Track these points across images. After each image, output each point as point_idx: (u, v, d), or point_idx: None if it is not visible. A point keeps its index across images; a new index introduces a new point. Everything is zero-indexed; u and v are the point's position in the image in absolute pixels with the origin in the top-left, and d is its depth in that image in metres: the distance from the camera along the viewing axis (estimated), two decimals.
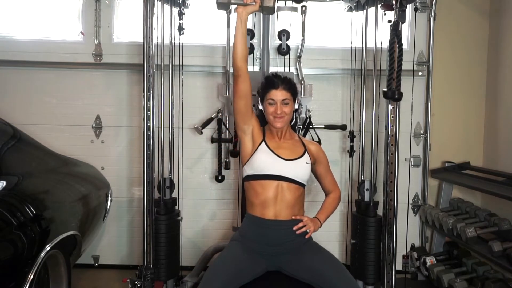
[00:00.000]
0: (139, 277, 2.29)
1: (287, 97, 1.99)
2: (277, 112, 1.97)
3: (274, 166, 1.96)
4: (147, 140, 2.37)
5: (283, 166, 1.96)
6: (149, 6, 2.34)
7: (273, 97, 1.98)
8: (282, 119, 1.99)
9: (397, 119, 2.28)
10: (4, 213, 1.73)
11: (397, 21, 2.14)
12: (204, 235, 3.19)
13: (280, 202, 1.94)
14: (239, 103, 1.95)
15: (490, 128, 3.18)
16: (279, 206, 1.94)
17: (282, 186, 1.95)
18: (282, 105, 1.98)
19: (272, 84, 2.00)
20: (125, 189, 3.18)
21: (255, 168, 1.98)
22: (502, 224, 2.60)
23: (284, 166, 1.96)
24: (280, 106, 1.97)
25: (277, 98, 1.98)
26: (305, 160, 2.02)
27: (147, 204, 2.39)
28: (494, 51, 3.15)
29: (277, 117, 1.98)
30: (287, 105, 1.99)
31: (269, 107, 1.99)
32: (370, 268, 2.59)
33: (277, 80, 2.01)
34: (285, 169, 1.96)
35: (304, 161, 2.01)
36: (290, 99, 2.00)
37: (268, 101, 2.00)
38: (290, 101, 2.00)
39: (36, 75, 3.11)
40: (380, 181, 2.59)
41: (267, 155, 1.98)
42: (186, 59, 2.87)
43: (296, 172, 1.97)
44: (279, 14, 2.93)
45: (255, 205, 1.97)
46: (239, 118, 1.98)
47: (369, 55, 2.79)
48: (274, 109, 1.98)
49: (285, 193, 1.95)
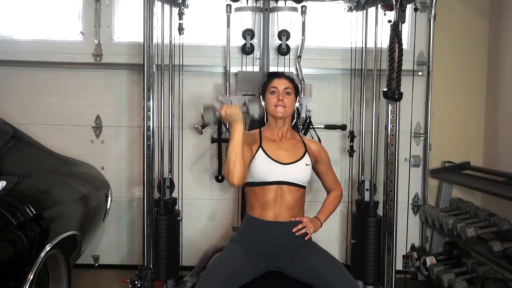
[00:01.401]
0: (139, 277, 2.29)
1: (289, 87, 2.00)
2: (279, 98, 1.96)
3: (273, 173, 1.93)
4: (147, 140, 2.37)
5: (282, 170, 1.94)
6: (149, 6, 2.34)
7: (275, 85, 2.00)
8: (283, 109, 1.97)
9: (397, 119, 2.28)
10: (4, 213, 1.73)
11: (397, 21, 2.14)
12: (204, 235, 3.19)
13: (280, 204, 1.93)
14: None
15: (490, 128, 3.18)
16: (278, 208, 1.93)
17: (282, 189, 1.94)
18: (284, 93, 1.98)
19: (274, 74, 2.08)
20: (125, 189, 3.18)
21: (254, 177, 1.96)
22: (502, 224, 2.60)
23: (283, 170, 1.94)
24: (282, 93, 1.98)
25: (280, 86, 1.99)
26: (305, 162, 2.00)
27: (147, 204, 2.39)
28: (494, 51, 3.15)
29: (279, 105, 1.96)
30: (289, 96, 2.00)
31: (271, 96, 2.00)
32: (370, 268, 2.59)
33: (279, 72, 2.15)
34: (284, 173, 1.94)
35: (304, 163, 1.99)
36: (292, 91, 2.02)
37: (270, 90, 2.01)
38: (292, 92, 2.01)
39: (36, 75, 3.11)
40: (380, 181, 2.59)
41: (265, 162, 1.94)
42: (186, 59, 2.87)
43: (295, 175, 1.96)
44: (279, 14, 2.93)
45: (254, 206, 1.97)
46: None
47: (369, 55, 2.79)
48: (276, 96, 1.98)
49: (285, 195, 1.94)
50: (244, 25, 2.94)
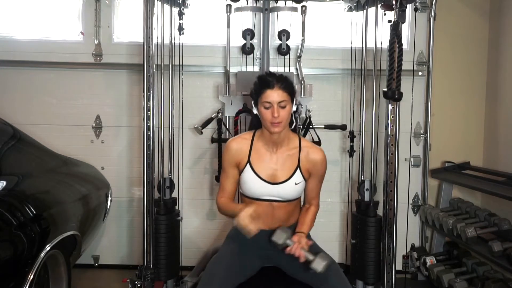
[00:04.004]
0: (139, 277, 2.29)
1: (284, 99, 1.77)
2: (274, 115, 1.76)
3: (261, 192, 1.87)
4: (147, 140, 2.37)
5: (271, 190, 1.87)
6: (149, 6, 2.34)
7: (268, 99, 1.77)
8: (279, 124, 1.78)
9: (397, 119, 2.28)
10: (4, 213, 1.73)
11: (397, 21, 2.14)
12: (204, 235, 3.19)
13: (272, 218, 1.90)
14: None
15: (490, 128, 3.18)
16: (271, 220, 1.90)
17: (273, 205, 1.90)
18: (279, 108, 1.77)
19: (266, 84, 1.78)
20: (125, 189, 3.17)
21: (244, 190, 1.92)
22: (502, 224, 2.60)
23: (271, 190, 1.87)
24: (277, 108, 1.76)
25: (273, 100, 1.76)
26: (294, 181, 1.87)
27: (147, 204, 2.39)
28: (494, 51, 3.15)
29: (274, 123, 1.77)
30: (285, 108, 1.78)
31: (265, 112, 1.78)
32: (370, 268, 2.59)
33: (271, 79, 1.79)
34: (274, 192, 1.87)
35: (293, 183, 1.87)
36: (288, 100, 1.79)
37: (263, 105, 1.79)
38: (287, 103, 1.79)
39: (36, 75, 3.11)
40: (380, 181, 2.58)
41: (252, 180, 1.87)
42: (186, 59, 2.87)
43: (284, 194, 1.88)
44: (279, 14, 2.93)
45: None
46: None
47: (369, 55, 2.79)
48: (271, 113, 1.77)
49: (277, 211, 1.90)
50: (244, 25, 2.94)
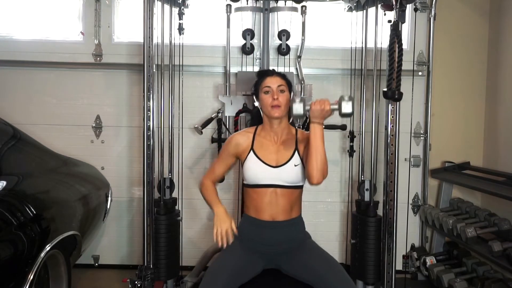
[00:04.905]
0: (139, 277, 2.29)
1: (282, 84, 1.97)
2: (273, 98, 1.92)
3: (264, 176, 1.93)
4: (147, 140, 2.37)
5: (273, 173, 1.93)
6: (149, 6, 2.34)
7: (268, 84, 1.96)
8: (279, 109, 1.93)
9: (397, 119, 2.29)
10: (4, 213, 1.73)
11: (397, 21, 2.14)
12: (204, 235, 3.19)
13: (276, 207, 1.93)
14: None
15: (490, 128, 3.18)
16: (275, 210, 1.93)
17: (276, 192, 1.93)
18: (278, 92, 1.94)
19: (266, 72, 2.04)
20: (125, 189, 3.18)
21: (247, 179, 1.98)
22: (502, 224, 2.60)
23: (274, 173, 1.93)
24: (276, 91, 1.94)
25: (273, 85, 1.95)
26: (293, 163, 1.95)
27: (147, 204, 2.39)
28: (494, 51, 3.15)
29: (274, 105, 1.92)
30: (283, 93, 1.95)
31: (265, 97, 1.95)
32: (370, 268, 2.59)
33: (270, 70, 2.07)
34: (276, 176, 1.93)
35: (292, 164, 1.94)
36: (286, 88, 1.97)
37: (263, 90, 1.96)
38: (285, 89, 1.97)
39: (36, 75, 3.11)
40: (380, 181, 2.59)
41: (256, 165, 1.95)
42: (186, 59, 2.87)
43: (286, 177, 1.93)
44: (279, 14, 2.93)
45: (251, 208, 1.98)
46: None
47: (369, 55, 2.79)
48: (271, 96, 1.93)
49: (280, 198, 1.94)
50: (244, 25, 2.94)
